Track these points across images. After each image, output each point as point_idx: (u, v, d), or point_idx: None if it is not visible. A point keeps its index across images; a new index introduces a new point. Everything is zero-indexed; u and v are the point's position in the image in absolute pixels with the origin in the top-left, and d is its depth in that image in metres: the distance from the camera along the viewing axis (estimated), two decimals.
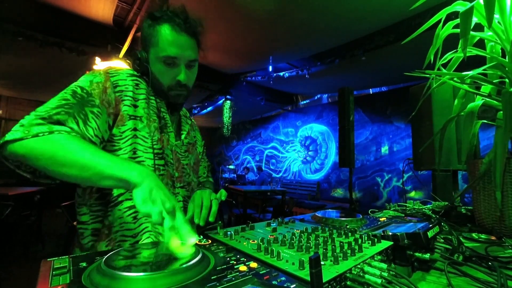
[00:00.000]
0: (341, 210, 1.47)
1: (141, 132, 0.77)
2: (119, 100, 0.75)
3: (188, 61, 0.81)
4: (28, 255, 3.28)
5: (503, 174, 0.85)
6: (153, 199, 0.53)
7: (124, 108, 0.76)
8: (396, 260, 0.57)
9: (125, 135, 0.75)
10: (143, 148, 0.77)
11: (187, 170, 0.91)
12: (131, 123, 0.76)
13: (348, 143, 2.96)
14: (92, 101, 0.70)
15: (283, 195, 5.02)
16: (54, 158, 0.58)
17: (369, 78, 6.10)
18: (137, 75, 0.83)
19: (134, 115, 0.77)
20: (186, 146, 0.94)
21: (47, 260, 0.43)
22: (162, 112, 0.85)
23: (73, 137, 0.61)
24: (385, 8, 3.61)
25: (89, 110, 0.69)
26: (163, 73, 0.81)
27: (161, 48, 0.77)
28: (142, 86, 0.82)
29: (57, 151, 0.58)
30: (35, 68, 5.81)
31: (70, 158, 0.58)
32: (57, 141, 0.59)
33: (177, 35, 0.78)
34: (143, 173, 0.57)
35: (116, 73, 0.79)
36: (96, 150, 0.61)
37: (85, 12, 4.72)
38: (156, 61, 0.80)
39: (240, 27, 4.51)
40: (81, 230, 0.76)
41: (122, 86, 0.77)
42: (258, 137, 10.28)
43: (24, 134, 0.58)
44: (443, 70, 1.01)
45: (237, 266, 0.43)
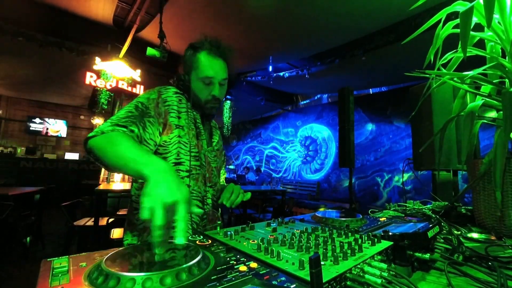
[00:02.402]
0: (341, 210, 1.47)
1: (183, 139, 0.96)
2: (167, 112, 0.95)
3: (221, 79, 1.01)
4: (28, 255, 3.28)
5: (503, 174, 0.85)
6: (153, 193, 0.53)
7: (171, 119, 0.95)
8: (396, 260, 0.57)
9: (173, 141, 0.95)
10: (184, 152, 0.96)
11: (214, 172, 1.10)
12: (177, 131, 0.95)
13: (348, 143, 2.96)
14: (149, 113, 0.89)
15: (283, 195, 5.02)
16: (106, 149, 0.73)
17: (369, 78, 6.11)
18: (180, 92, 1.02)
19: (178, 125, 0.96)
20: (216, 152, 1.13)
21: (47, 260, 0.43)
22: (197, 122, 1.04)
23: (124, 135, 0.77)
24: (385, 8, 3.62)
25: (147, 120, 0.88)
26: (201, 90, 1.00)
27: (201, 70, 0.98)
28: (183, 101, 1.01)
29: (108, 143, 0.74)
30: (35, 68, 5.81)
31: (112, 150, 0.72)
32: (112, 136, 0.76)
33: (213, 60, 0.98)
34: (157, 167, 0.61)
35: (165, 91, 0.98)
36: (132, 146, 0.71)
37: (85, 12, 4.72)
38: (197, 81, 1.00)
39: (240, 27, 4.51)
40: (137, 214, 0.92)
41: (170, 101, 0.97)
42: (258, 137, 10.28)
43: (96, 133, 0.77)
44: (443, 70, 1.01)
45: (237, 266, 0.43)
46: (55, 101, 8.76)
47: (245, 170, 9.58)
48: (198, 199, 0.97)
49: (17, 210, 3.18)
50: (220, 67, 1.00)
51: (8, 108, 8.30)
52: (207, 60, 0.98)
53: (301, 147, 8.49)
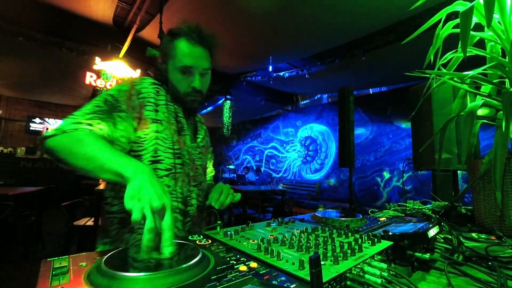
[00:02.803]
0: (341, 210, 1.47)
1: (162, 134, 0.87)
2: (142, 106, 0.85)
3: (202, 69, 0.90)
4: (28, 255, 3.27)
5: (503, 174, 0.85)
6: (140, 195, 0.52)
7: (147, 113, 0.85)
8: (396, 260, 0.57)
9: (149, 137, 0.85)
10: (163, 149, 0.86)
11: (199, 171, 1.00)
12: (154, 126, 0.85)
13: (348, 143, 2.96)
14: (119, 107, 0.80)
15: (283, 195, 5.02)
16: (70, 150, 0.66)
17: (369, 78, 6.10)
18: (158, 83, 0.93)
19: (156, 119, 0.86)
20: (201, 149, 1.03)
21: (47, 260, 0.43)
22: (179, 116, 0.95)
23: (90, 133, 0.70)
24: (385, 8, 3.61)
25: (117, 114, 0.79)
26: (180, 81, 0.90)
27: (179, 59, 0.88)
28: (162, 93, 0.92)
29: (73, 144, 0.67)
30: (35, 68, 5.81)
31: (81, 151, 0.65)
32: (77, 136, 0.68)
33: (192, 47, 0.88)
34: (138, 169, 0.59)
35: (140, 82, 0.89)
36: (104, 146, 0.66)
37: (85, 12, 4.72)
38: (174, 71, 0.90)
39: (240, 27, 4.51)
40: (110, 219, 0.84)
41: (145, 93, 0.87)
42: (258, 137, 10.28)
43: (56, 132, 0.69)
44: (443, 70, 1.01)
45: (237, 266, 0.43)
46: (55, 101, 8.75)
47: (245, 170, 9.57)
48: (179, 201, 0.88)
49: (17, 210, 3.18)
50: (201, 56, 0.89)
51: (8, 108, 8.30)
52: (186, 47, 0.87)
53: (301, 147, 8.49)
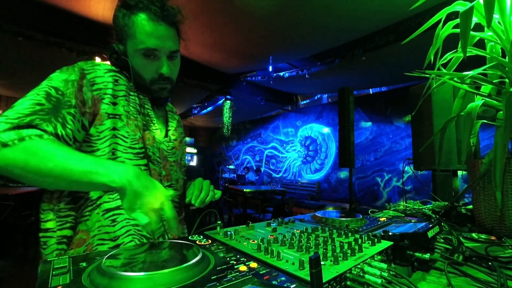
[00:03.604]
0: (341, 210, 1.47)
1: (121, 131, 0.73)
2: (97, 99, 0.71)
3: (169, 52, 0.77)
4: (28, 255, 3.27)
5: (503, 174, 0.85)
6: (139, 203, 0.52)
7: (103, 107, 0.71)
8: (396, 260, 0.57)
9: (103, 135, 0.71)
10: (123, 148, 0.73)
11: (174, 167, 0.88)
12: (110, 122, 0.72)
13: (348, 143, 2.96)
14: (68, 102, 0.65)
15: (283, 195, 5.02)
16: (27, 167, 0.53)
17: (369, 78, 6.10)
18: (116, 70, 0.77)
19: (113, 114, 0.72)
20: (173, 143, 0.90)
21: (47, 260, 0.43)
22: (146, 108, 0.82)
23: (45, 142, 0.56)
24: (385, 8, 3.61)
25: (66, 111, 0.64)
26: (143, 66, 0.76)
27: (139, 40, 0.73)
28: (122, 82, 0.76)
29: (28, 160, 0.53)
30: (35, 68, 5.80)
31: (43, 167, 0.53)
32: (28, 148, 0.54)
33: (155, 25, 0.73)
34: (123, 175, 0.53)
35: (92, 70, 0.73)
36: (71, 154, 0.56)
37: (85, 12, 4.72)
38: (135, 54, 0.75)
39: (240, 27, 4.51)
40: (44, 239, 0.70)
41: (100, 84, 0.72)
42: (258, 137, 10.28)
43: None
44: (443, 70, 1.01)
45: (237, 266, 0.43)
46: None
47: (245, 170, 9.58)
48: None
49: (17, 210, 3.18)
50: (167, 35, 0.75)
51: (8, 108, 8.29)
52: (148, 25, 0.72)
53: (301, 147, 8.49)
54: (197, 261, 0.42)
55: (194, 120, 10.10)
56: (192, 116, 9.37)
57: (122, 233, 0.72)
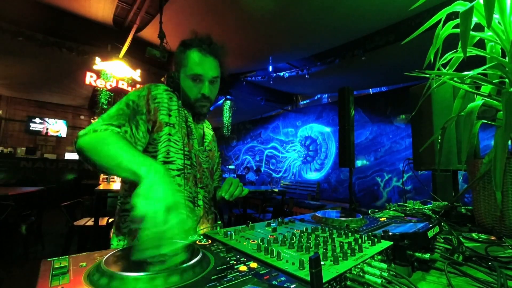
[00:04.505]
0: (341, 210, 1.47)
1: (174, 137, 0.94)
2: (156, 110, 0.92)
3: (211, 77, 0.98)
4: (28, 255, 3.27)
5: (503, 174, 0.85)
6: (152, 195, 0.53)
7: (161, 117, 0.92)
8: (396, 260, 0.57)
9: (162, 139, 0.92)
10: (175, 150, 0.93)
11: (206, 173, 1.06)
12: (167, 129, 0.93)
13: (348, 143, 2.96)
14: (141, 111, 0.88)
15: (283, 195, 5.02)
16: (96, 148, 0.72)
17: (369, 78, 6.10)
18: (171, 90, 1.00)
19: (169, 122, 0.93)
20: (208, 153, 1.10)
21: (47, 260, 0.43)
22: (189, 121, 1.01)
23: (115, 134, 0.75)
24: (385, 8, 3.62)
25: (139, 117, 0.87)
26: (190, 88, 0.98)
27: (190, 67, 0.96)
28: (174, 99, 0.98)
29: (99, 142, 0.72)
30: (35, 68, 5.81)
31: (104, 149, 0.70)
32: (103, 136, 0.74)
33: (202, 57, 0.96)
34: (150, 168, 0.61)
35: (155, 89, 0.95)
36: (125, 145, 0.70)
37: (85, 12, 4.72)
38: (186, 78, 0.98)
39: (240, 27, 4.51)
40: (124, 217, 0.92)
41: (159, 98, 0.94)
42: (258, 137, 10.27)
43: (87, 131, 0.76)
44: (443, 70, 1.01)
45: (237, 266, 0.43)
46: (55, 101, 8.75)
47: (245, 170, 9.57)
48: (189, 200, 0.95)
49: (17, 210, 3.18)
50: (210, 65, 0.97)
51: (8, 108, 8.30)
52: (197, 57, 0.96)
53: (301, 147, 8.49)
54: (197, 261, 0.42)
55: None
56: None
57: None
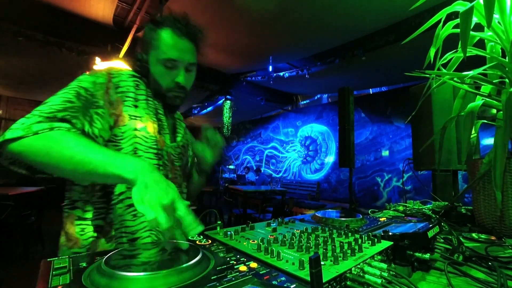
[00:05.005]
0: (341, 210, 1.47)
1: (141, 132, 0.79)
2: (120, 101, 0.77)
3: (187, 64, 0.84)
4: (28, 255, 3.27)
5: (503, 174, 0.85)
6: (148, 197, 0.51)
7: (125, 109, 0.78)
8: (396, 260, 0.57)
9: (126, 135, 0.77)
10: (144, 148, 0.79)
11: (179, 172, 0.93)
12: (132, 123, 0.78)
13: (348, 143, 2.96)
14: (96, 102, 0.72)
15: (283, 195, 5.02)
16: (50, 154, 0.57)
17: (369, 78, 6.10)
18: (138, 76, 0.85)
19: (135, 115, 0.79)
20: (181, 149, 0.96)
21: (47, 260, 0.43)
22: (159, 114, 0.88)
23: (71, 133, 0.61)
24: (385, 8, 3.61)
25: (94, 111, 0.70)
26: (162, 75, 0.83)
27: (162, 50, 0.80)
28: (142, 87, 0.84)
29: (53, 146, 0.57)
30: (35, 68, 5.81)
31: (65, 154, 0.57)
32: (55, 137, 0.58)
33: (178, 39, 0.81)
34: (137, 168, 0.55)
35: (117, 74, 0.80)
36: (92, 146, 0.59)
37: (85, 12, 4.72)
38: (157, 63, 0.82)
39: (240, 27, 4.51)
40: (81, 226, 0.76)
41: (124, 87, 0.79)
42: (258, 137, 10.28)
43: (25, 132, 0.57)
44: (443, 70, 1.01)
45: (237, 266, 0.43)
46: None
47: (245, 170, 9.57)
48: None
49: (17, 210, 3.18)
50: (187, 49, 0.83)
51: (8, 108, 8.29)
52: (171, 38, 0.80)
53: (301, 147, 8.49)
54: (197, 261, 0.42)
55: (194, 120, 10.10)
56: (192, 116, 9.36)
57: (140, 228, 0.77)
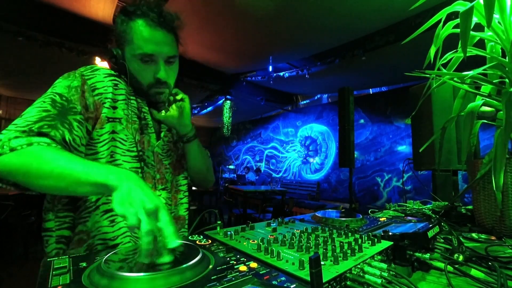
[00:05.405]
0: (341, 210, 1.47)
1: (120, 135, 0.76)
2: (99, 104, 0.73)
3: (167, 57, 0.78)
4: (28, 255, 3.28)
5: (503, 174, 0.85)
6: (131, 200, 0.48)
7: (104, 111, 0.73)
8: (396, 260, 0.57)
9: (103, 138, 0.73)
10: (121, 151, 0.75)
11: (169, 170, 0.90)
12: (109, 126, 0.74)
13: (348, 143, 2.96)
14: (74, 108, 0.68)
15: (283, 195, 5.02)
16: (30, 171, 0.55)
17: (369, 78, 6.10)
18: (116, 74, 0.79)
19: (113, 117, 0.75)
20: (168, 145, 0.91)
21: (47, 260, 0.43)
22: (143, 112, 0.83)
23: (50, 148, 0.58)
24: (385, 8, 3.61)
25: (72, 118, 0.66)
26: (141, 71, 0.77)
27: (137, 45, 0.74)
28: (121, 86, 0.79)
29: (32, 163, 0.55)
30: (35, 68, 5.80)
31: (45, 169, 0.54)
32: (33, 153, 0.56)
33: (152, 31, 0.74)
34: (121, 175, 0.53)
35: (92, 75, 0.75)
36: (72, 157, 0.56)
37: (85, 12, 4.72)
38: (133, 59, 0.76)
39: (240, 27, 4.51)
40: (45, 237, 0.72)
41: (101, 89, 0.74)
42: (258, 137, 10.28)
43: (1, 150, 0.55)
44: (443, 70, 1.01)
45: (237, 266, 0.43)
46: None
47: (245, 170, 9.57)
48: None
49: (17, 210, 3.18)
50: (164, 41, 0.76)
51: (8, 108, 8.30)
52: (145, 30, 0.73)
53: (301, 147, 8.49)
54: (197, 261, 0.42)
55: (194, 120, 10.03)
56: (192, 116, 9.36)
57: (120, 233, 0.75)
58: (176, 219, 0.91)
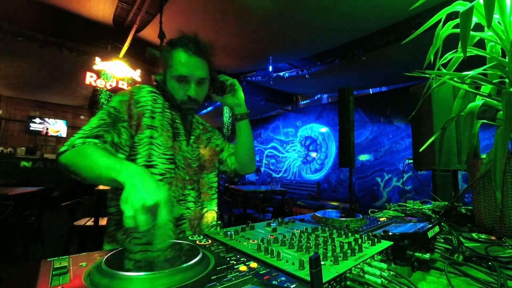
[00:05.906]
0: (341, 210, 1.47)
1: (156, 140, 0.90)
2: (141, 114, 0.90)
3: (198, 78, 0.94)
4: (28, 255, 3.27)
5: (503, 174, 0.85)
6: (132, 199, 0.51)
7: (144, 120, 0.90)
8: (396, 260, 0.57)
9: (143, 142, 0.88)
10: (157, 154, 0.90)
11: (198, 172, 1.04)
12: (148, 132, 0.89)
13: (348, 143, 2.96)
14: (122, 117, 0.85)
15: (283, 195, 5.02)
16: (77, 163, 0.70)
17: (369, 78, 6.11)
18: (156, 91, 0.97)
19: (151, 125, 0.91)
20: (197, 150, 1.06)
21: (47, 260, 0.43)
22: (176, 123, 0.99)
23: (94, 146, 0.72)
24: (385, 8, 3.62)
25: (121, 125, 0.84)
26: (176, 89, 0.95)
27: (175, 68, 0.92)
28: (159, 101, 0.96)
29: (79, 157, 0.70)
30: (35, 68, 5.81)
31: (84, 162, 0.69)
32: (82, 149, 0.71)
33: (188, 57, 0.92)
34: (130, 172, 0.59)
35: (138, 91, 0.93)
36: (103, 154, 0.68)
37: (85, 12, 4.72)
38: (171, 80, 0.95)
39: (240, 27, 4.51)
40: (109, 220, 0.90)
41: (143, 102, 0.91)
42: (258, 137, 10.27)
43: (67, 147, 0.72)
44: (443, 70, 1.01)
45: (237, 266, 0.43)
46: (55, 101, 8.75)
47: None
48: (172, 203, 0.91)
49: (17, 210, 3.18)
50: (197, 65, 0.93)
51: (8, 108, 8.30)
52: (182, 57, 0.91)
53: (301, 147, 8.49)
54: (197, 261, 0.42)
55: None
56: None
57: None
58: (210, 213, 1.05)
